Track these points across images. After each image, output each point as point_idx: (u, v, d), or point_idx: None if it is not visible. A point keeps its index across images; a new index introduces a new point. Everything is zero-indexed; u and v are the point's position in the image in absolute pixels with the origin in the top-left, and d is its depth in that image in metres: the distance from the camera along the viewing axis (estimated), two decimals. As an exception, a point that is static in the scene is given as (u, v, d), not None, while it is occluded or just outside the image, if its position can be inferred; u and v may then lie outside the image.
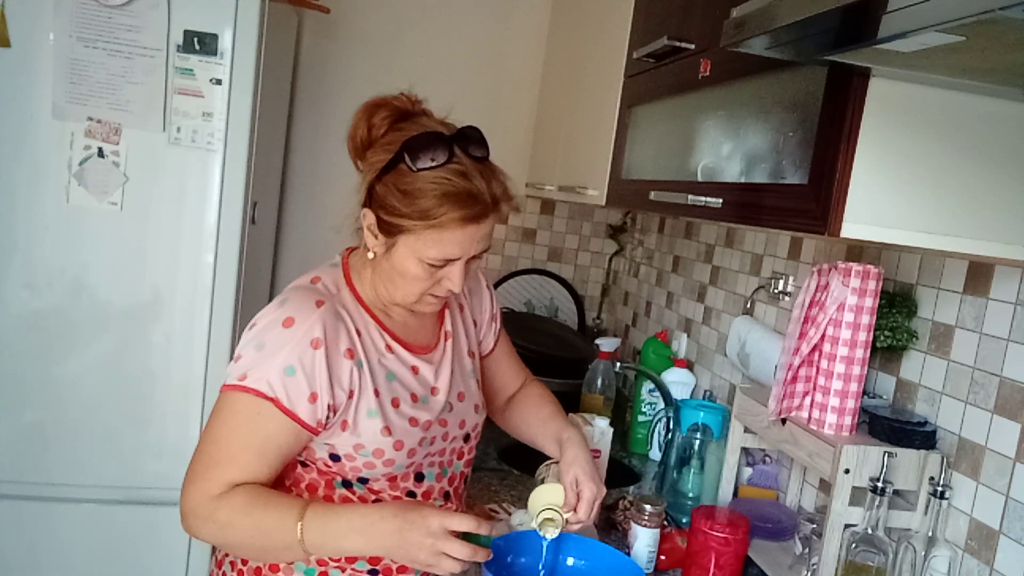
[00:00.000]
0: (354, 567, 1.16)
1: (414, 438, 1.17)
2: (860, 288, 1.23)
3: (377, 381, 1.14)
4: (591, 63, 2.09)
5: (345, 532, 1.05)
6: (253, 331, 1.09)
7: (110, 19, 1.84)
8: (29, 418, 1.95)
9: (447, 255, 1.10)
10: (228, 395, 1.08)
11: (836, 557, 1.19)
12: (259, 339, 1.07)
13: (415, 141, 1.07)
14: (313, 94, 2.64)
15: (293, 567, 1.15)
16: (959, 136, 0.97)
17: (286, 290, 1.14)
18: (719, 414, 1.66)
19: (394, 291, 1.15)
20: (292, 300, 1.10)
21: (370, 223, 1.11)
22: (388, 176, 1.08)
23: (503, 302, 2.80)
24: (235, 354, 1.10)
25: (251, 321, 1.11)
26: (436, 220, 1.06)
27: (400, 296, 1.15)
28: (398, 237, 1.09)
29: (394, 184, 1.07)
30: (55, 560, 1.98)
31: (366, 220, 1.12)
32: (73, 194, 1.89)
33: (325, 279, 1.17)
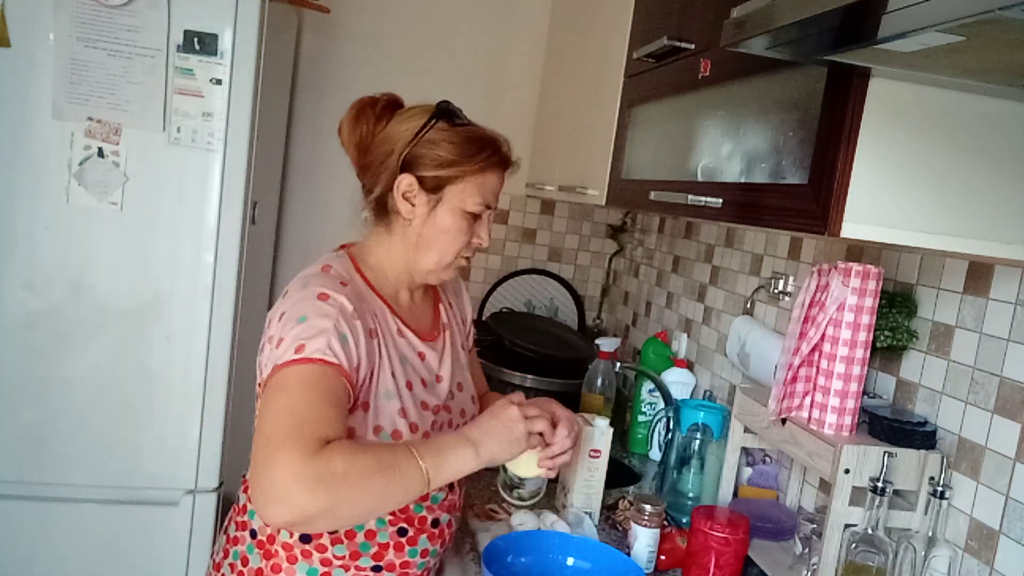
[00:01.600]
0: (357, 564, 1.16)
1: (427, 421, 1.18)
2: (860, 288, 1.23)
3: (393, 363, 1.14)
4: (591, 63, 2.09)
5: (453, 446, 1.05)
6: (286, 315, 1.06)
7: (110, 19, 1.84)
8: (29, 418, 1.95)
9: (487, 200, 1.20)
10: (288, 371, 1.01)
11: (836, 557, 1.19)
12: (299, 314, 1.05)
13: (447, 104, 1.20)
14: (313, 94, 2.64)
15: (295, 568, 1.14)
16: (959, 136, 0.97)
17: (302, 277, 1.13)
18: (719, 414, 1.66)
19: (429, 257, 1.20)
20: (315, 281, 1.10)
21: (408, 187, 1.17)
22: (429, 134, 1.16)
23: (503, 302, 2.80)
24: (272, 340, 1.05)
25: (276, 312, 1.09)
26: (484, 162, 1.18)
27: (436, 259, 1.20)
28: (444, 190, 1.17)
29: (441, 139, 1.17)
30: (55, 560, 1.98)
31: (402, 186, 1.17)
32: (73, 194, 1.89)
33: (336, 267, 1.17)
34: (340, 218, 2.78)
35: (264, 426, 0.98)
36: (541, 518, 1.42)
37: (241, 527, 1.19)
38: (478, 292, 2.83)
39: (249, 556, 1.16)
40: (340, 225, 2.76)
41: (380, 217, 1.22)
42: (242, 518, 1.19)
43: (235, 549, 1.19)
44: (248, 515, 1.18)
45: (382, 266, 1.22)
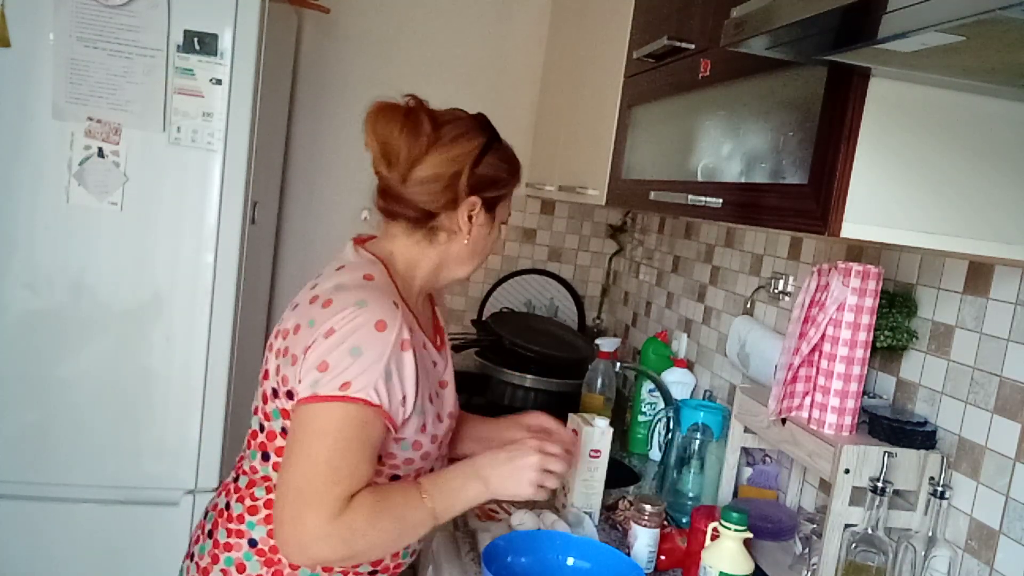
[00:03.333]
0: (356, 569, 1.17)
1: (441, 430, 1.21)
2: (860, 288, 1.23)
3: (420, 378, 1.13)
4: (591, 63, 2.09)
5: (463, 484, 1.12)
6: (338, 335, 1.04)
7: (110, 19, 1.84)
8: (29, 418, 1.95)
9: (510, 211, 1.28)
10: (329, 407, 1.03)
11: (836, 557, 1.19)
12: (352, 344, 1.04)
13: (488, 120, 1.21)
14: (313, 94, 2.64)
15: (297, 573, 1.15)
16: (959, 136, 0.97)
17: (355, 289, 1.10)
18: (719, 414, 1.66)
19: (468, 268, 1.25)
20: (372, 302, 1.07)
21: (472, 208, 1.18)
22: (486, 158, 1.18)
23: (503, 302, 2.80)
24: (317, 362, 1.04)
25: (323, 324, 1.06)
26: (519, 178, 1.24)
27: (472, 269, 1.26)
28: (496, 208, 1.22)
29: (493, 164, 1.18)
30: (55, 560, 1.98)
31: (469, 208, 1.18)
32: (73, 194, 1.89)
33: (377, 278, 1.15)
34: (340, 218, 2.79)
35: (296, 476, 1.03)
36: (541, 518, 1.42)
37: (237, 535, 1.17)
38: (478, 292, 2.83)
39: (247, 563, 1.17)
40: (340, 225, 2.77)
41: (419, 227, 1.19)
42: (237, 526, 1.18)
43: (228, 555, 1.18)
44: (247, 525, 1.17)
45: (412, 273, 1.22)
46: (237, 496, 1.20)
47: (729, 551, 1.18)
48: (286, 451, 1.07)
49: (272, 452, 1.16)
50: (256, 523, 1.16)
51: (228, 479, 1.25)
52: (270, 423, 1.15)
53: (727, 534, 1.18)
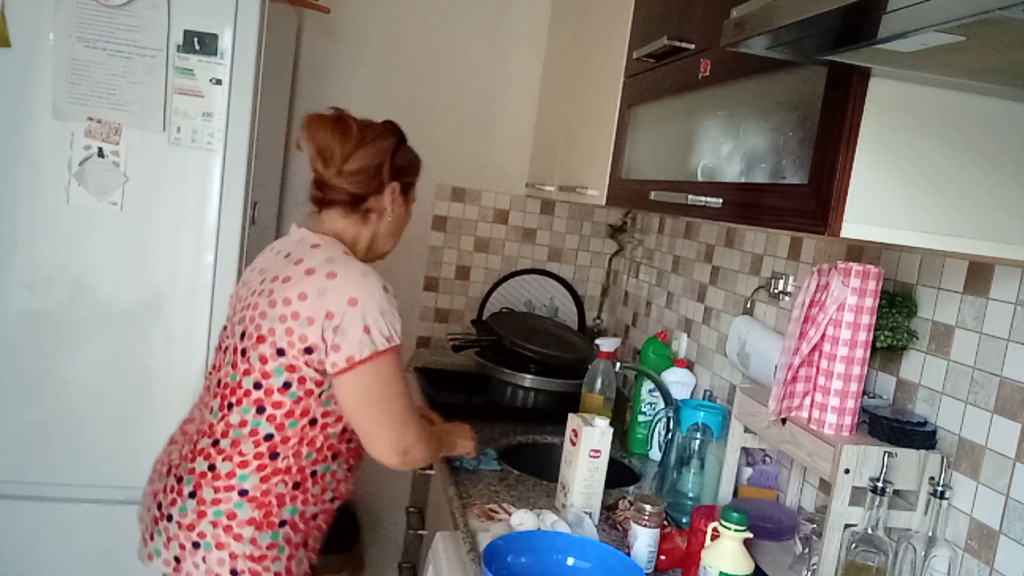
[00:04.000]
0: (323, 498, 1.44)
1: None
2: (860, 288, 1.23)
3: None
4: (591, 63, 2.09)
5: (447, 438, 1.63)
6: (362, 303, 1.33)
7: (110, 19, 1.84)
8: (29, 418, 1.95)
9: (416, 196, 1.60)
10: (387, 357, 1.36)
11: (836, 557, 1.19)
12: (379, 306, 1.35)
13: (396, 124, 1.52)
14: (313, 94, 2.64)
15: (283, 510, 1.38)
16: (959, 136, 0.97)
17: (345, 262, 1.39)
18: (719, 414, 1.66)
19: (392, 242, 1.57)
20: (371, 273, 1.39)
21: (395, 190, 1.49)
22: (400, 152, 1.49)
23: (503, 302, 2.80)
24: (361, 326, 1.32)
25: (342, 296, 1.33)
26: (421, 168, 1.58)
27: (393, 243, 1.57)
28: (411, 191, 1.56)
29: (405, 156, 1.51)
30: (55, 560, 1.98)
31: (392, 191, 1.48)
32: (73, 194, 1.89)
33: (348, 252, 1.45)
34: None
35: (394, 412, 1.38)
36: (541, 518, 1.43)
37: (225, 489, 1.35)
38: (478, 292, 2.83)
39: (237, 511, 1.35)
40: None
41: (353, 210, 1.47)
42: (226, 482, 1.36)
43: (216, 508, 1.35)
44: (238, 479, 1.36)
45: (355, 248, 1.50)
46: (222, 456, 1.37)
47: (729, 551, 1.18)
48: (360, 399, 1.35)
49: (268, 406, 1.36)
50: (248, 474, 1.36)
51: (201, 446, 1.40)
52: (269, 380, 1.35)
53: (727, 534, 1.18)
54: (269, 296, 1.37)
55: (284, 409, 1.36)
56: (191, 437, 1.45)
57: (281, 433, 1.36)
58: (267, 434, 1.36)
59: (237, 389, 1.38)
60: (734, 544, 1.18)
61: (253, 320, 1.38)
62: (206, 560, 1.35)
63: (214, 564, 1.36)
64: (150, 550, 1.42)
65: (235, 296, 1.52)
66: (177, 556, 1.38)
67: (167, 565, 1.39)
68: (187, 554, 1.37)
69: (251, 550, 1.35)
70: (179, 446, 1.48)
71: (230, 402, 1.39)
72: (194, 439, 1.43)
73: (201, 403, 1.50)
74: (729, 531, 1.18)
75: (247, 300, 1.43)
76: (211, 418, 1.41)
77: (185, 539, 1.37)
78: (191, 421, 1.51)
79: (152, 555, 1.41)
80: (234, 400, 1.38)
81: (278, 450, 1.37)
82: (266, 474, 1.36)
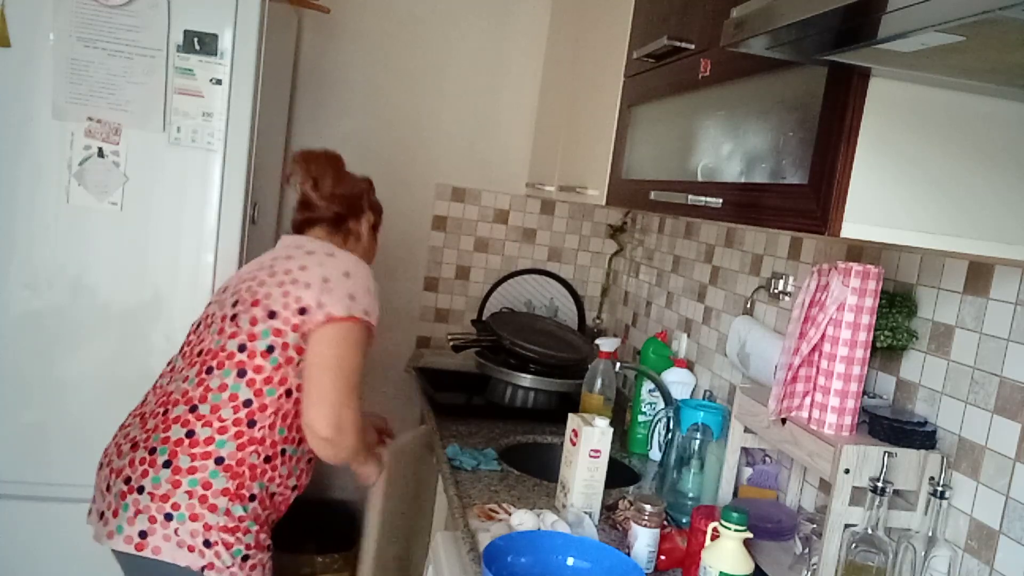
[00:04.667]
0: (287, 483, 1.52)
1: None
2: (860, 288, 1.23)
3: None
4: (591, 63, 2.09)
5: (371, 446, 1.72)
6: (354, 277, 1.53)
7: (110, 19, 1.84)
8: (29, 418, 1.95)
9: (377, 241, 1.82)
10: (359, 326, 1.49)
11: (836, 557, 1.19)
12: (366, 284, 1.53)
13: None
14: (313, 94, 2.64)
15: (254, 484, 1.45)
16: (959, 136, 0.97)
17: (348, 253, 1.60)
18: (719, 414, 1.66)
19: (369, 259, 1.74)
20: (361, 262, 1.59)
21: (371, 220, 1.74)
22: (373, 193, 1.77)
23: (503, 302, 2.80)
24: (347, 293, 1.49)
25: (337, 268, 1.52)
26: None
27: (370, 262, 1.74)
28: (378, 230, 1.79)
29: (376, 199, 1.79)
30: (55, 560, 1.98)
31: (369, 219, 1.74)
32: (73, 194, 1.89)
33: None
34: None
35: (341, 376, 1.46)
36: (541, 518, 1.42)
37: (203, 457, 1.41)
38: (478, 292, 2.83)
39: (212, 480, 1.40)
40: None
41: (337, 230, 1.69)
42: (203, 449, 1.41)
43: (192, 478, 1.40)
44: (216, 445, 1.41)
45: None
46: (202, 422, 1.43)
47: (729, 551, 1.18)
48: (325, 354, 1.45)
49: (250, 369, 1.45)
50: (226, 440, 1.42)
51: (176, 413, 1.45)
52: (254, 343, 1.46)
53: (727, 534, 1.18)
54: (270, 269, 1.53)
55: (264, 374, 1.45)
56: (155, 412, 1.50)
57: (259, 400, 1.44)
58: (246, 399, 1.44)
59: (219, 352, 1.47)
60: (734, 544, 1.18)
61: (250, 288, 1.51)
62: (178, 532, 1.38)
63: (187, 536, 1.38)
64: (110, 528, 1.41)
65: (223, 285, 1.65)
66: (144, 531, 1.38)
67: (128, 542, 1.38)
68: (158, 527, 1.38)
69: (225, 521, 1.40)
70: (137, 425, 1.51)
71: (210, 366, 1.47)
72: (164, 411, 1.48)
73: (168, 380, 1.55)
74: (729, 531, 1.18)
75: (244, 277, 1.57)
76: (185, 386, 1.48)
77: (157, 511, 1.38)
78: (144, 404, 1.57)
79: (113, 533, 1.40)
80: (215, 364, 1.47)
81: (255, 418, 1.44)
82: (242, 442, 1.43)
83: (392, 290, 2.69)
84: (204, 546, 1.38)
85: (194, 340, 1.58)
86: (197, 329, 1.60)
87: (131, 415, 1.58)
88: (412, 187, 2.75)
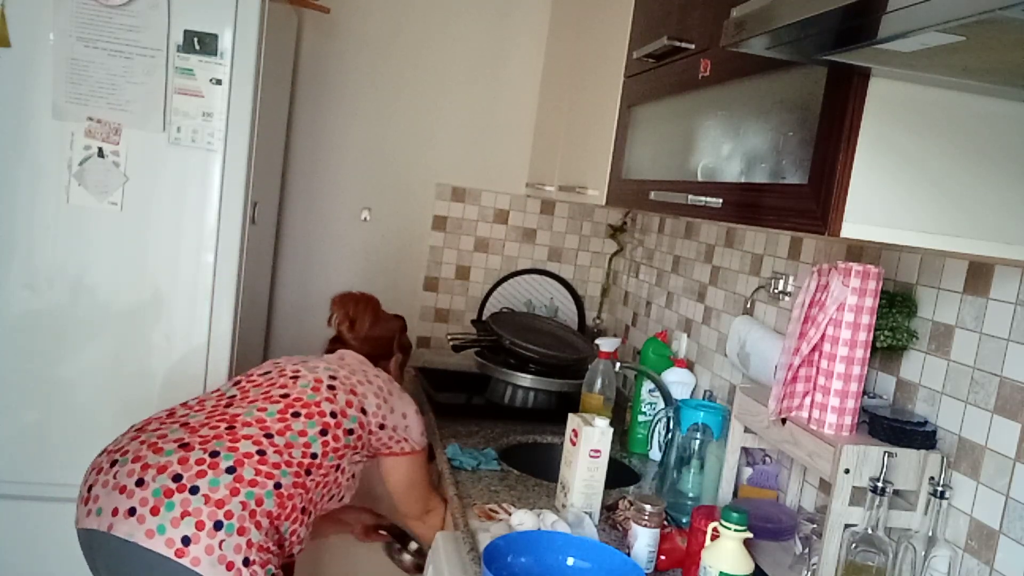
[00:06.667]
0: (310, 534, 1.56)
1: None
2: (860, 288, 1.23)
3: None
4: (591, 63, 2.09)
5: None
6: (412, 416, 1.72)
7: (110, 19, 1.84)
8: (29, 418, 1.95)
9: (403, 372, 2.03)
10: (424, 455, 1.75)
11: (836, 557, 1.19)
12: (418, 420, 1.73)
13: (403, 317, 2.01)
14: (313, 94, 2.64)
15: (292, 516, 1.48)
16: (959, 136, 0.97)
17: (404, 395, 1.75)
18: (719, 414, 1.66)
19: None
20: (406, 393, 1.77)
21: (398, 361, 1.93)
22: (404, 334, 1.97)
23: (503, 302, 2.80)
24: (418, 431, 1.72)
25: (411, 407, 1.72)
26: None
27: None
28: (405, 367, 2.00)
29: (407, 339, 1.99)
30: (55, 560, 1.97)
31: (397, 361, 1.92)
32: (73, 194, 1.89)
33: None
34: (340, 218, 2.79)
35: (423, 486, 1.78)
36: (541, 518, 1.42)
37: (266, 476, 1.43)
38: (478, 292, 2.83)
39: (266, 499, 1.42)
40: (340, 225, 2.77)
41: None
42: (269, 469, 1.44)
43: (251, 490, 1.40)
44: (281, 472, 1.45)
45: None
46: (274, 449, 1.47)
47: (729, 551, 1.18)
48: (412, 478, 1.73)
49: (330, 434, 1.55)
50: (288, 473, 1.46)
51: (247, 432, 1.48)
52: (343, 418, 1.57)
53: (727, 534, 1.18)
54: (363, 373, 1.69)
55: (337, 444, 1.55)
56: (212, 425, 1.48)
57: (323, 459, 1.52)
58: (314, 452, 1.51)
59: (312, 406, 1.55)
60: (734, 544, 1.18)
61: (347, 378, 1.64)
62: (223, 546, 1.33)
63: (230, 551, 1.34)
64: (149, 527, 1.33)
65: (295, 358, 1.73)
66: (188, 536, 1.32)
67: (170, 545, 1.32)
68: (204, 535, 1.33)
69: (264, 541, 1.40)
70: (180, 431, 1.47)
71: (297, 411, 1.54)
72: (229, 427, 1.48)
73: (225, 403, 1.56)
74: (729, 531, 1.18)
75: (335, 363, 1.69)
76: (262, 415, 1.52)
77: (208, 516, 1.34)
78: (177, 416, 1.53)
79: (153, 532, 1.33)
80: (304, 412, 1.54)
81: (312, 470, 1.50)
82: (298, 482, 1.48)
83: (392, 290, 2.69)
84: (243, 564, 1.36)
85: (262, 382, 1.61)
86: (265, 374, 1.63)
87: (158, 422, 1.52)
88: (412, 187, 2.75)
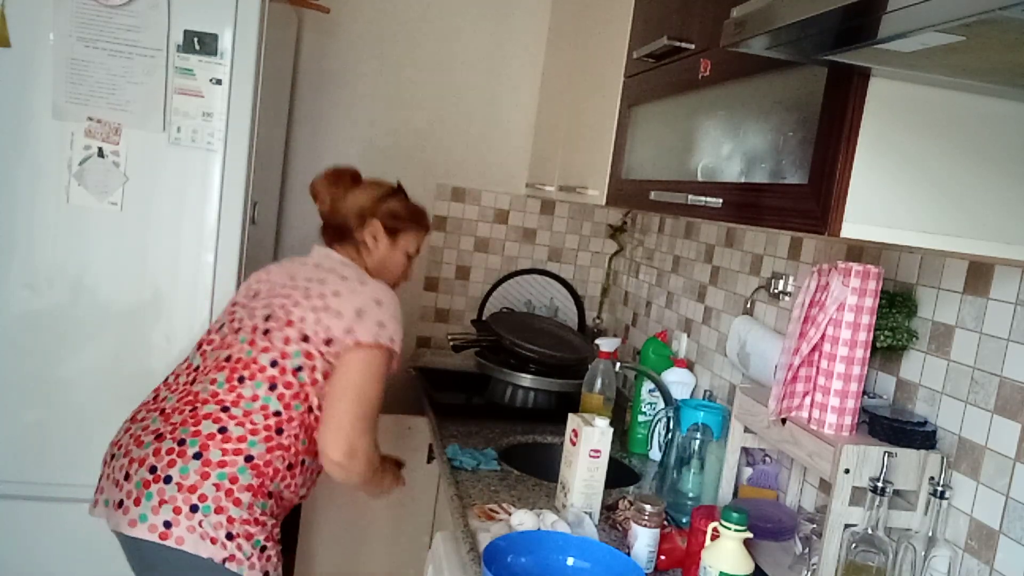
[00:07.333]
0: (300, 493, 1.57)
1: None
2: (860, 288, 1.23)
3: None
4: (591, 63, 2.09)
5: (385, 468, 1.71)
6: (385, 305, 1.58)
7: (110, 19, 1.84)
8: (29, 418, 1.95)
9: (418, 248, 1.82)
10: (379, 353, 1.54)
11: (836, 557, 1.19)
12: (395, 313, 1.59)
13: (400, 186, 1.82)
14: (313, 94, 2.64)
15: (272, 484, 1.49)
16: (959, 136, 0.97)
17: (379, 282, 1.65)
18: (719, 414, 1.66)
19: (387, 275, 1.77)
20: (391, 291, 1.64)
21: (377, 229, 1.73)
22: (391, 200, 1.76)
23: (503, 302, 2.80)
24: (376, 320, 1.54)
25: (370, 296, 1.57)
26: (425, 226, 1.82)
27: (389, 277, 1.77)
28: (399, 236, 1.76)
29: (399, 203, 1.77)
30: (55, 560, 1.98)
31: (372, 229, 1.73)
32: (73, 194, 1.89)
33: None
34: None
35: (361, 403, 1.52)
36: (541, 518, 1.43)
37: (234, 453, 1.45)
38: (478, 292, 2.83)
39: (240, 476, 1.44)
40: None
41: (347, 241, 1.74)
42: (235, 446, 1.45)
43: (221, 471, 1.43)
44: (248, 444, 1.46)
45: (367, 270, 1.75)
46: (235, 422, 1.47)
47: (729, 551, 1.18)
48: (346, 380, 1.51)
49: (280, 384, 1.50)
50: (257, 442, 1.46)
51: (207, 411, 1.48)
52: (285, 361, 1.51)
53: (727, 534, 1.18)
54: (305, 291, 1.58)
55: (292, 391, 1.50)
56: (179, 408, 1.51)
57: (287, 412, 1.50)
58: (275, 410, 1.49)
59: (251, 364, 1.51)
60: (734, 544, 1.18)
61: (284, 307, 1.55)
62: (203, 524, 1.40)
63: (210, 528, 1.40)
64: (132, 516, 1.42)
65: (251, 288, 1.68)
66: (168, 520, 1.40)
67: (152, 531, 1.40)
68: (182, 518, 1.40)
69: (247, 515, 1.44)
70: (158, 419, 1.52)
71: (242, 375, 1.51)
72: (192, 408, 1.50)
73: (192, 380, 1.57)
74: (729, 531, 1.18)
75: (277, 291, 1.60)
76: (215, 388, 1.51)
77: (183, 501, 1.40)
78: (160, 400, 1.58)
79: (136, 521, 1.41)
80: (247, 374, 1.51)
81: (283, 427, 1.49)
82: (271, 446, 1.48)
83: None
84: (226, 539, 1.41)
85: (217, 341, 1.60)
86: (220, 329, 1.62)
87: (145, 409, 1.59)
88: (412, 187, 2.72)
